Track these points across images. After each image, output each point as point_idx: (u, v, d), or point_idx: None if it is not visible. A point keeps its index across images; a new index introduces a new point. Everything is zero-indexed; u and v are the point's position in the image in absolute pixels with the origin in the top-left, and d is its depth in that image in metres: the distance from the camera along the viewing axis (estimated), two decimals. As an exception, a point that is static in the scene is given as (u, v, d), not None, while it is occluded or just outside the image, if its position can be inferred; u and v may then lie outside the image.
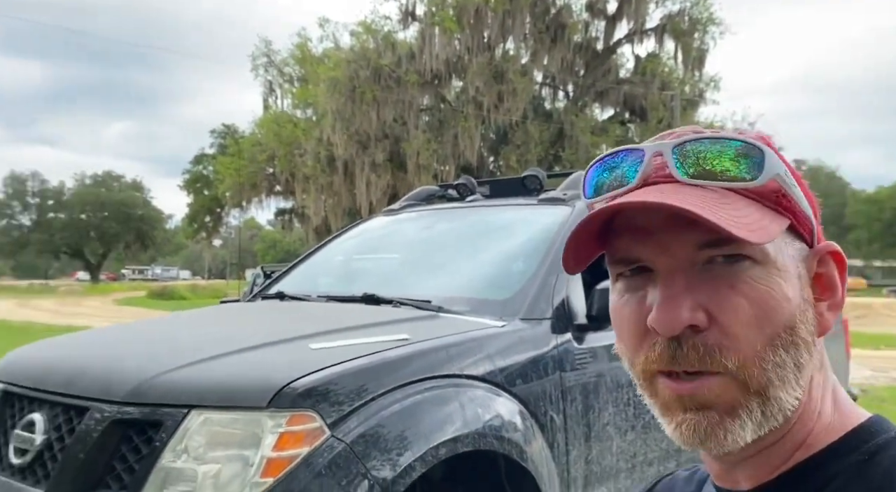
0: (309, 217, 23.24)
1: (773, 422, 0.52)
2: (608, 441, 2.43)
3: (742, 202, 0.53)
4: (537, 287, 2.37)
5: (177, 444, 1.65)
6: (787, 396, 0.52)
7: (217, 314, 2.83)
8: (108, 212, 55.57)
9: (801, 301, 0.53)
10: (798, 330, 0.53)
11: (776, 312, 0.52)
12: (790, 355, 0.52)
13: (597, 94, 23.93)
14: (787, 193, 0.54)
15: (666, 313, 0.51)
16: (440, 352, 1.98)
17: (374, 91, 21.18)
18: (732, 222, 0.50)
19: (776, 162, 0.53)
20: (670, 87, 23.10)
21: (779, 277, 0.52)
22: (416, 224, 3.22)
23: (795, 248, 0.55)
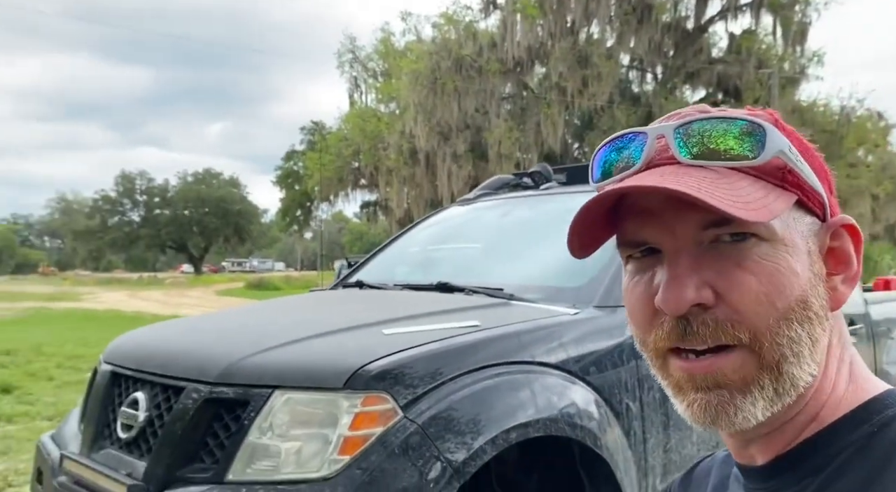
0: (392, 209, 23.69)
1: (787, 398, 0.52)
2: (688, 430, 2.37)
3: (745, 181, 0.52)
4: (612, 274, 2.35)
5: (262, 421, 1.76)
6: (800, 372, 0.52)
7: (300, 302, 2.97)
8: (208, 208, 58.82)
9: (812, 276, 0.53)
10: (810, 304, 0.52)
11: (786, 288, 0.51)
12: (804, 330, 0.52)
13: (687, 75, 23.00)
14: (792, 168, 0.54)
15: (671, 293, 0.52)
16: (511, 339, 2.00)
17: (456, 82, 21.26)
18: (730, 202, 0.50)
19: (778, 139, 0.53)
20: (768, 64, 21.85)
21: (786, 253, 0.52)
22: (490, 213, 3.24)
23: (805, 223, 0.54)
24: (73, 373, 7.54)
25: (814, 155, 0.56)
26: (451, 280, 2.63)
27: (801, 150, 0.55)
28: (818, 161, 0.57)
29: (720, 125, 0.53)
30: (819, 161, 0.57)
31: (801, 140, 0.56)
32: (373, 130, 23.48)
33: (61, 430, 2.49)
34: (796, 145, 0.55)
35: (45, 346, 9.80)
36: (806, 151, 0.56)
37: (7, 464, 4.15)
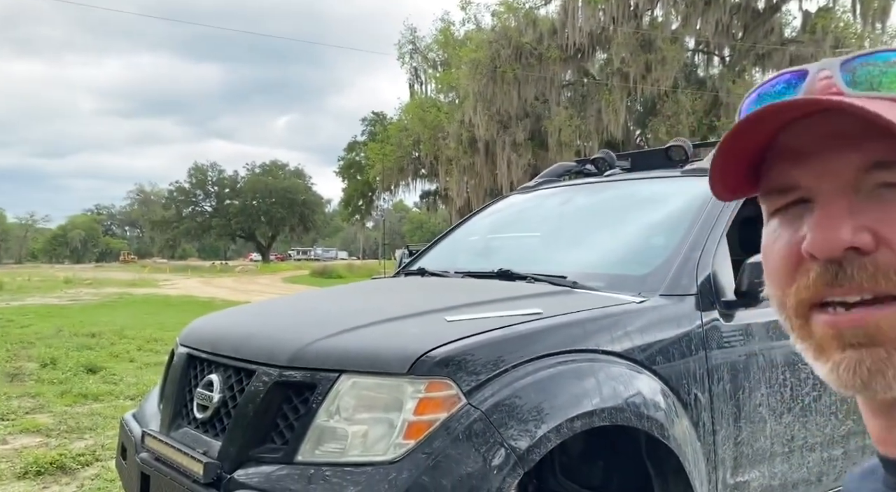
0: (452, 198, 23.74)
1: None
2: (761, 423, 2.30)
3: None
4: (679, 262, 2.29)
5: (329, 405, 1.81)
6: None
7: (364, 289, 3.02)
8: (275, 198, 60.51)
9: None
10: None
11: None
12: None
13: (757, 57, 22.06)
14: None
15: (823, 232, 0.45)
16: (574, 327, 1.98)
17: (515, 70, 21.06)
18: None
19: None
20: (846, 44, 20.71)
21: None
22: (552, 200, 3.21)
23: None
24: (152, 355, 7.92)
25: None
26: (513, 268, 2.62)
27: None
28: None
29: (889, 59, 0.46)
30: None
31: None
32: (433, 120, 23.56)
33: (143, 409, 2.62)
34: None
35: (127, 329, 10.33)
36: None
37: (95, 439, 4.42)
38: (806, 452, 2.47)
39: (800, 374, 2.43)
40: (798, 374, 2.42)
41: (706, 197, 2.54)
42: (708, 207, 2.47)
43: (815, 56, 20.46)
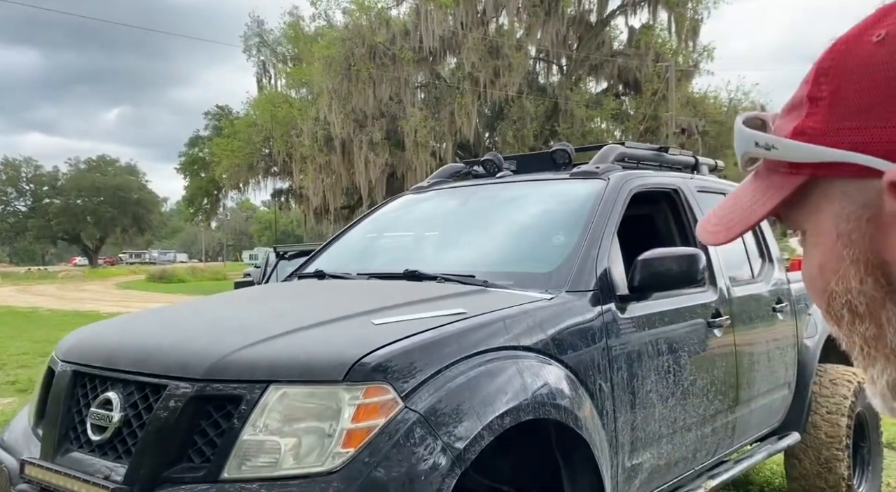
0: (307, 197, 23.20)
1: (891, 403, 0.48)
2: (651, 408, 2.51)
3: (752, 186, 0.50)
4: (580, 260, 2.43)
5: (257, 418, 1.71)
6: (875, 372, 0.47)
7: (269, 294, 2.89)
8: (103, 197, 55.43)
9: (841, 264, 0.45)
10: (837, 298, 0.46)
11: (812, 284, 0.49)
12: (846, 329, 0.47)
13: (591, 67, 23.82)
14: (773, 160, 0.47)
15: None
16: (497, 324, 2.04)
17: (370, 69, 21.03)
18: (712, 229, 0.51)
19: (744, 139, 0.48)
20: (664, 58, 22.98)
21: (811, 245, 0.48)
22: (449, 201, 3.26)
23: (843, 195, 0.44)
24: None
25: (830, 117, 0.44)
26: (417, 268, 2.64)
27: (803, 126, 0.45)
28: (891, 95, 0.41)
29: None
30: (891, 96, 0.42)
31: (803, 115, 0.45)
32: (285, 116, 22.86)
33: (8, 435, 2.31)
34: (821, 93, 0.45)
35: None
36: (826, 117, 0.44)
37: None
38: (685, 432, 2.73)
39: (680, 360, 2.68)
40: (679, 361, 2.67)
41: (597, 197, 2.73)
42: (600, 207, 2.66)
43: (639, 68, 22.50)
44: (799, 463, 3.63)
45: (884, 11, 0.44)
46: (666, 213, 3.14)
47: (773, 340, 3.42)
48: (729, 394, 2.99)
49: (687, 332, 2.75)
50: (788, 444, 3.48)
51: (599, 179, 2.84)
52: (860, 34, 0.43)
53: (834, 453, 3.54)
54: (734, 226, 0.50)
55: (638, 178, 2.92)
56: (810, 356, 3.68)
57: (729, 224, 0.50)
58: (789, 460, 3.68)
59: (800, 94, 0.47)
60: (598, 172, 2.89)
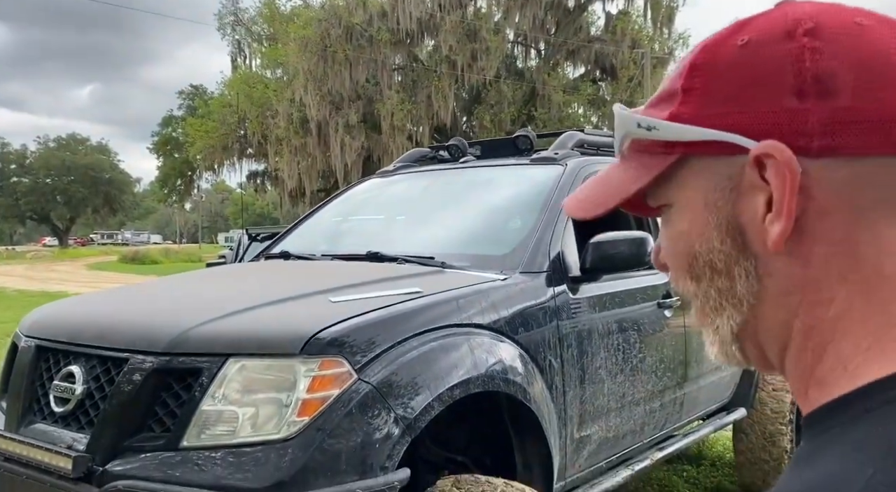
0: (283, 180, 23.07)
1: (729, 346, 0.55)
2: (600, 383, 2.63)
3: (627, 164, 0.57)
4: (535, 242, 2.54)
5: (216, 389, 1.80)
6: (720, 321, 0.54)
7: (231, 273, 2.95)
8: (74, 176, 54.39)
9: (706, 228, 0.52)
10: (700, 258, 0.53)
11: (676, 248, 0.56)
12: (704, 283, 0.54)
13: (568, 52, 23.89)
14: (650, 139, 0.54)
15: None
16: (450, 303, 2.14)
17: (346, 50, 20.88)
18: (582, 205, 0.58)
19: (623, 121, 0.56)
20: (640, 45, 23.15)
21: (677, 215, 0.55)
22: (413, 185, 3.34)
23: (712, 169, 0.51)
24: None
25: (702, 92, 0.51)
26: (378, 250, 2.72)
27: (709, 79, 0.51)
28: (753, 87, 0.49)
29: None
30: (753, 88, 0.49)
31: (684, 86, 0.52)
32: (260, 97, 22.63)
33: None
34: (695, 80, 0.52)
35: None
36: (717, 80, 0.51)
37: None
38: (633, 406, 2.87)
39: (630, 339, 2.81)
40: (629, 339, 2.80)
41: (554, 183, 2.83)
42: (556, 191, 2.76)
43: (615, 54, 22.67)
44: (746, 437, 3.82)
45: (742, 23, 0.54)
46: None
47: (724, 322, 3.56)
48: (678, 371, 3.14)
49: (637, 312, 2.88)
50: (735, 419, 3.65)
51: (557, 165, 2.94)
52: (725, 39, 0.53)
53: (778, 428, 3.73)
54: (607, 200, 0.56)
55: (594, 164, 3.03)
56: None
57: (599, 199, 0.57)
58: (737, 434, 3.86)
59: (671, 87, 0.55)
60: (556, 158, 2.99)
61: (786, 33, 0.50)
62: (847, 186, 0.48)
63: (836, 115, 0.48)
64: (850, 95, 0.48)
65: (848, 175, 0.48)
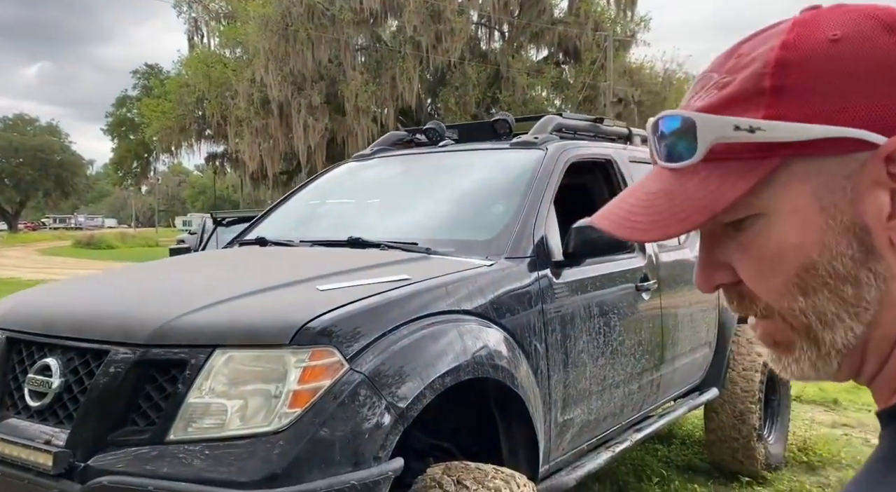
0: (244, 162, 22.62)
1: (832, 360, 0.52)
2: (583, 367, 2.65)
3: (697, 178, 0.51)
4: (519, 227, 2.53)
5: (203, 381, 1.75)
6: (834, 335, 0.51)
7: (211, 260, 2.87)
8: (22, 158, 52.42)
9: (826, 235, 0.49)
10: (819, 269, 0.50)
11: (781, 262, 0.51)
12: (820, 295, 0.50)
13: (532, 34, 23.88)
14: (754, 142, 0.49)
15: (697, 276, 0.57)
16: (439, 290, 2.12)
17: (308, 30, 20.48)
18: (653, 223, 0.52)
19: (713, 127, 0.50)
20: (603, 28, 23.25)
21: (780, 225, 0.50)
22: (392, 169, 3.29)
23: (824, 170, 0.49)
24: None
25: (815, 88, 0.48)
26: (360, 235, 2.68)
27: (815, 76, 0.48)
28: (863, 80, 0.47)
29: (671, 124, 0.53)
30: (863, 80, 0.47)
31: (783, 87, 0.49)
32: (219, 77, 22.07)
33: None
34: (806, 76, 0.48)
35: None
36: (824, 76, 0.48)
37: None
38: (613, 389, 2.90)
39: (610, 322, 2.84)
40: (609, 322, 2.83)
41: (535, 167, 2.82)
42: (538, 176, 2.75)
43: (579, 37, 22.74)
44: (717, 416, 3.91)
45: (805, 21, 0.52)
46: (600, 182, 3.27)
47: (696, 303, 3.64)
48: (655, 353, 3.19)
49: (617, 295, 2.91)
50: (708, 399, 3.73)
51: (538, 149, 2.93)
52: (807, 36, 0.50)
53: (748, 406, 3.83)
54: (692, 215, 0.51)
55: (574, 148, 3.03)
56: (729, 318, 3.93)
57: (680, 214, 0.51)
58: (708, 413, 3.96)
59: (750, 87, 0.50)
60: (536, 143, 2.98)
61: (886, 27, 0.49)
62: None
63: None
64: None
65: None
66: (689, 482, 3.91)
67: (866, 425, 5.10)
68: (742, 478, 3.88)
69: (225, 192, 41.68)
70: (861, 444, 4.66)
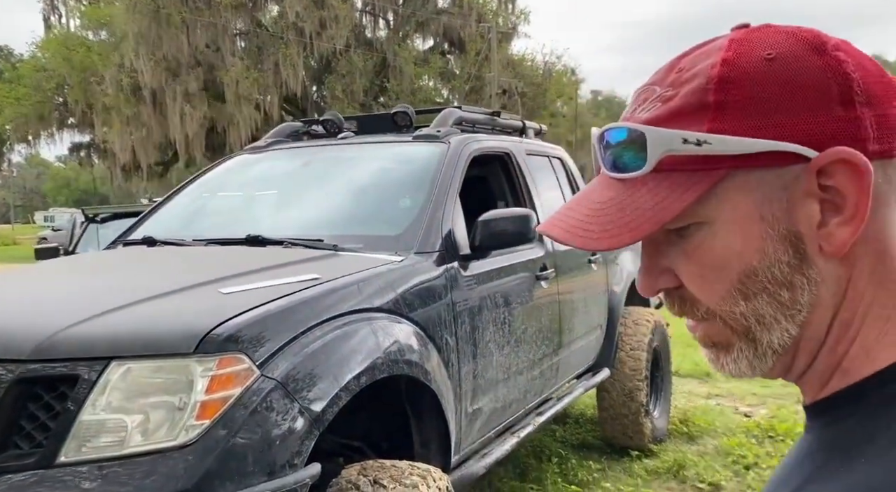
0: (114, 153, 21.07)
1: (767, 359, 0.55)
2: (490, 357, 2.70)
3: (646, 188, 0.53)
4: (427, 222, 2.52)
5: (97, 397, 1.61)
6: (771, 336, 0.54)
7: (96, 264, 2.63)
8: None
9: (765, 243, 0.52)
10: (758, 275, 0.52)
11: (724, 268, 0.53)
12: (759, 301, 0.53)
13: (417, 24, 23.91)
14: (699, 155, 0.51)
15: (639, 281, 0.59)
16: (351, 289, 2.07)
17: (182, 13, 19.33)
18: (604, 233, 0.54)
19: (663, 140, 0.52)
20: (486, 19, 23.69)
21: (723, 233, 0.52)
22: (290, 162, 3.17)
23: (763, 182, 0.51)
24: None
25: (785, 90, 0.50)
26: (258, 232, 2.57)
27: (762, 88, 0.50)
28: (797, 97, 0.50)
29: (618, 135, 0.55)
30: (797, 97, 0.50)
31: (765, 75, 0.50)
32: (82, 61, 20.35)
33: None
34: (753, 88, 0.50)
35: None
36: (771, 88, 0.50)
37: None
38: (518, 376, 2.98)
39: (514, 311, 2.90)
40: (513, 312, 2.89)
41: (440, 161, 2.82)
42: (443, 169, 2.75)
43: (463, 27, 23.03)
44: (608, 395, 4.12)
45: (738, 40, 0.53)
46: (499, 175, 3.33)
47: (589, 289, 3.80)
48: (553, 339, 3.30)
49: (520, 285, 2.98)
50: (601, 379, 3.92)
51: (441, 143, 2.93)
52: (744, 55, 0.52)
53: (636, 384, 4.06)
54: (642, 225, 0.52)
55: (476, 141, 3.06)
56: (618, 301, 4.15)
57: (630, 225, 0.53)
58: (600, 392, 4.16)
59: (694, 101, 0.52)
60: (439, 136, 2.98)
61: (814, 48, 0.51)
62: (880, 187, 0.51)
63: (881, 121, 0.51)
64: (885, 104, 0.51)
65: (881, 176, 0.51)
66: (585, 460, 4.10)
67: (735, 394, 5.57)
68: (632, 452, 4.12)
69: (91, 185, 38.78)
70: (732, 413, 5.07)
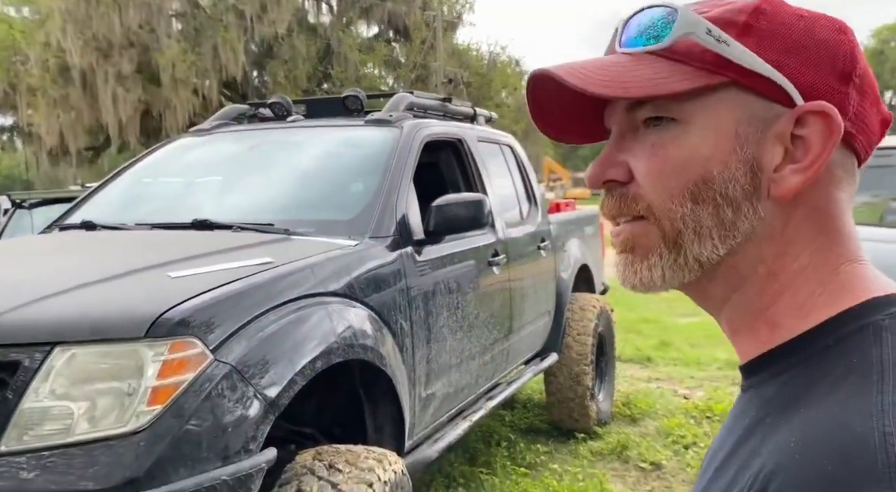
0: (40, 136, 20.05)
1: (688, 272, 0.56)
2: (444, 342, 2.71)
3: (657, 64, 0.54)
4: (381, 206, 2.50)
5: (40, 384, 1.54)
6: (700, 248, 0.55)
7: (33, 248, 2.49)
8: None
9: (734, 159, 0.53)
10: (714, 184, 0.54)
11: (685, 168, 0.54)
12: (704, 209, 0.54)
13: (361, 10, 23.60)
14: (710, 50, 0.53)
15: (590, 169, 0.59)
16: (305, 272, 2.04)
17: (114, -10, 18.51)
18: (600, 82, 0.54)
19: (690, 22, 0.54)
20: (431, 7, 23.58)
21: (697, 136, 0.54)
22: (236, 145, 3.09)
23: (752, 107, 0.54)
24: None
25: (796, 44, 0.53)
26: (204, 216, 2.50)
27: (771, 35, 0.53)
28: (810, 51, 0.53)
29: (651, 13, 0.56)
30: (810, 52, 0.53)
31: (757, 26, 0.53)
32: (4, 39, 19.25)
33: None
34: (759, 28, 0.53)
35: None
36: (779, 36, 0.53)
37: None
38: (470, 361, 3.00)
39: (467, 297, 2.92)
40: (466, 297, 2.91)
41: (393, 145, 2.80)
42: (396, 154, 2.73)
43: (407, 15, 22.86)
44: (555, 379, 4.20)
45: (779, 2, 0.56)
46: (451, 160, 3.33)
47: (538, 275, 3.86)
48: (504, 324, 3.34)
49: (472, 270, 3.00)
50: (550, 363, 3.99)
51: (394, 127, 2.91)
52: (783, 4, 0.56)
53: (582, 368, 4.16)
54: (632, 88, 0.54)
55: (428, 127, 3.05)
56: (565, 287, 4.23)
57: (625, 84, 0.54)
58: (547, 377, 4.24)
59: (728, 17, 0.54)
60: (391, 121, 2.96)
61: (839, 28, 0.55)
62: (836, 163, 0.55)
63: (859, 110, 0.55)
64: (867, 99, 0.55)
65: (839, 156, 0.55)
66: (532, 443, 4.18)
67: (674, 378, 5.77)
68: (578, 435, 4.22)
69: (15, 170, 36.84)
70: (671, 395, 5.25)
